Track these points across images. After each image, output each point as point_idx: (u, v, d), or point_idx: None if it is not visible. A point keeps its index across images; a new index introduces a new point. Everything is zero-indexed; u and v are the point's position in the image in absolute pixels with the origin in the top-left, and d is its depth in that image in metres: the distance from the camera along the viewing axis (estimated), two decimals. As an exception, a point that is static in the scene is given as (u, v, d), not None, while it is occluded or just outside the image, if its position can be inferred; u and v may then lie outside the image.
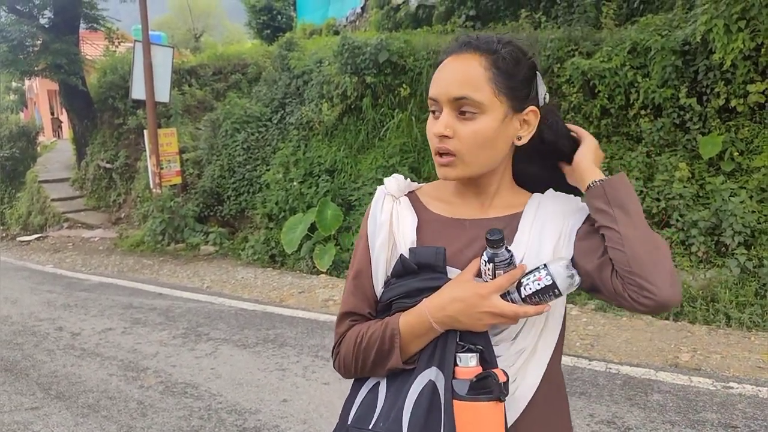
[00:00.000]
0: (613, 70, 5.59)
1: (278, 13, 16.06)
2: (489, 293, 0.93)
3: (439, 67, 1.03)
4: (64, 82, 11.25)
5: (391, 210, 1.08)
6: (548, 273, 0.90)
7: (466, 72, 0.99)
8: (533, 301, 0.92)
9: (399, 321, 0.98)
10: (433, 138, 1.01)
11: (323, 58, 8.06)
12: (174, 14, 31.40)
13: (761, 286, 4.50)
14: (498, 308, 0.92)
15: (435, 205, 1.11)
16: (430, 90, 1.02)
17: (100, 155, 12.11)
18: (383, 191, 1.13)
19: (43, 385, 3.93)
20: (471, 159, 1.00)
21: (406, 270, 1.01)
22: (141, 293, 6.46)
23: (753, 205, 4.72)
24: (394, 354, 0.97)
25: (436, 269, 1.00)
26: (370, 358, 1.01)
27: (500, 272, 0.93)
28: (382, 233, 1.06)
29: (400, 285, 1.02)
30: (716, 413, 3.11)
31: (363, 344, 1.02)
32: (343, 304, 1.12)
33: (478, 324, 0.94)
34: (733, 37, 4.78)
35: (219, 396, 3.65)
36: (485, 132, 0.99)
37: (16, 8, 11.16)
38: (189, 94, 10.90)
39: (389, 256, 1.05)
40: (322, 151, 7.73)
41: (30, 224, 12.31)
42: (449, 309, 0.94)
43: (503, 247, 0.92)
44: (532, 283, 0.91)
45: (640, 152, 5.44)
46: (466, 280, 0.96)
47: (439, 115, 1.00)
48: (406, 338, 0.97)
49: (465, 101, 0.97)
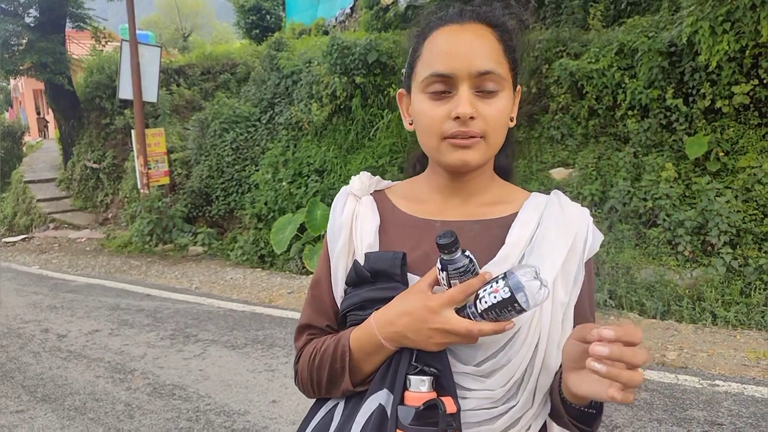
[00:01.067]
0: (600, 71, 5.64)
1: (267, 13, 16.01)
2: (439, 306, 0.79)
3: (441, 38, 0.87)
4: (50, 81, 11.14)
5: (352, 211, 0.97)
6: (507, 284, 0.74)
7: (485, 44, 0.86)
8: (491, 316, 0.77)
9: (350, 337, 0.87)
10: (447, 122, 0.85)
11: (312, 58, 8.05)
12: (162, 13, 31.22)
13: (746, 285, 4.56)
14: (449, 324, 0.78)
15: (406, 205, 0.98)
16: (437, 65, 0.85)
17: (87, 155, 12.00)
18: (346, 191, 1.01)
19: (28, 388, 3.88)
20: (494, 142, 0.88)
21: (360, 278, 0.89)
22: (128, 294, 6.41)
23: (738, 205, 4.77)
24: (346, 375, 0.87)
25: (392, 277, 0.87)
26: (324, 378, 0.90)
27: (455, 282, 0.80)
28: (342, 237, 0.95)
29: (354, 295, 0.90)
30: (702, 411, 3.15)
31: (317, 362, 0.91)
32: (301, 315, 1.02)
33: (428, 342, 0.80)
34: (718, 38, 4.83)
35: (207, 397, 3.62)
36: (506, 111, 0.88)
37: (1, 7, 11.03)
38: (177, 94, 10.84)
39: (349, 262, 0.94)
40: (311, 152, 7.71)
41: (15, 225, 12.17)
42: (397, 324, 0.81)
43: (457, 253, 0.78)
44: (488, 296, 0.76)
45: (627, 152, 5.49)
46: (418, 290, 0.83)
47: (449, 96, 0.85)
48: (358, 356, 0.86)
49: (491, 76, 0.85)
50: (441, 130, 0.86)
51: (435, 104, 0.86)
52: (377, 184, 1.03)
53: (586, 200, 5.50)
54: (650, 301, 4.70)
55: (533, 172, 6.03)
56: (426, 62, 0.87)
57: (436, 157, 0.90)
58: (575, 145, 5.98)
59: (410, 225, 0.94)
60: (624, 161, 5.46)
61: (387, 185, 1.04)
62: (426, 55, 0.88)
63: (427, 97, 0.87)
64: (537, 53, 6.21)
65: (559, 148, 6.07)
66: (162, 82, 9.76)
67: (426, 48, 0.88)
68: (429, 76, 0.86)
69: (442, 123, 0.85)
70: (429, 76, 0.86)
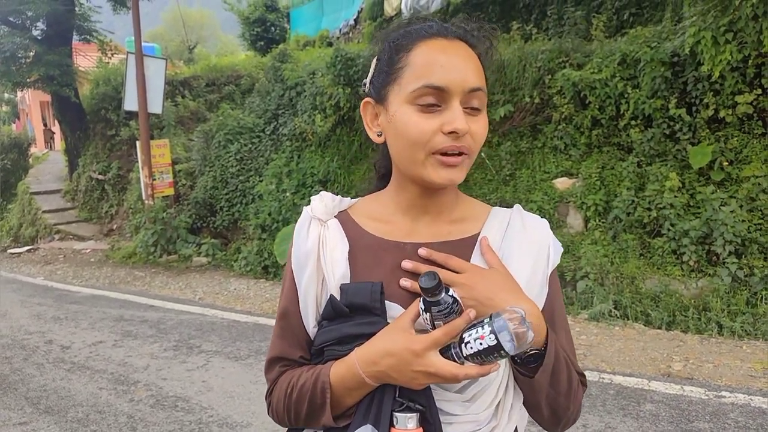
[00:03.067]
0: (603, 81, 5.64)
1: (272, 25, 16.14)
2: (423, 350, 0.78)
3: (433, 51, 0.84)
4: (57, 93, 11.24)
5: (318, 236, 0.92)
6: (492, 330, 0.74)
7: (473, 61, 0.85)
8: (476, 361, 0.77)
9: (330, 373, 0.85)
10: (438, 135, 0.82)
11: (316, 70, 8.10)
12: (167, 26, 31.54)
13: (752, 295, 4.53)
14: (434, 367, 0.77)
15: (372, 226, 0.94)
16: (432, 76, 0.82)
17: (93, 166, 12.08)
18: (308, 214, 0.96)
19: (31, 400, 3.88)
20: (474, 159, 0.88)
21: (337, 313, 0.87)
22: (132, 305, 6.41)
23: (743, 215, 4.75)
24: (326, 410, 0.85)
25: (372, 311, 0.85)
26: (302, 412, 0.88)
27: (439, 323, 0.78)
28: (309, 266, 0.90)
29: (331, 329, 0.88)
30: (708, 422, 3.11)
31: (294, 396, 0.88)
32: (270, 347, 0.97)
33: (412, 383, 0.80)
34: (720, 48, 4.84)
35: (210, 409, 3.61)
36: (486, 130, 0.88)
37: (9, 20, 11.16)
38: (182, 106, 10.92)
39: (319, 291, 0.90)
40: (315, 162, 7.74)
41: (21, 236, 12.22)
42: (381, 364, 0.80)
43: (441, 294, 0.77)
44: (473, 342, 0.76)
45: (631, 162, 5.48)
46: (401, 328, 0.81)
47: (438, 109, 0.83)
48: (339, 392, 0.85)
49: (479, 93, 0.84)
50: (431, 144, 0.83)
51: (425, 116, 0.83)
52: (339, 204, 0.99)
53: (590, 210, 5.49)
54: (655, 312, 4.67)
55: (536, 182, 6.02)
56: (417, 73, 0.83)
57: (417, 173, 0.86)
58: (579, 154, 5.97)
59: (380, 248, 0.91)
60: (628, 171, 5.45)
61: (349, 204, 1.00)
62: (415, 65, 0.84)
63: (416, 109, 0.83)
64: (540, 64, 6.23)
65: (563, 157, 6.07)
66: (167, 93, 9.84)
67: (414, 59, 0.84)
68: (421, 87, 0.82)
69: (433, 137, 0.82)
70: (421, 87, 0.82)
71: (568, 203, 5.70)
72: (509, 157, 6.29)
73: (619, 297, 4.88)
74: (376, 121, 0.93)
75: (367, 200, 1.00)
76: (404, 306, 0.85)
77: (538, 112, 6.32)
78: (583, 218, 5.60)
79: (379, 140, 0.93)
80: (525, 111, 6.36)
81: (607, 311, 4.75)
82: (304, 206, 1.01)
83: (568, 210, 5.70)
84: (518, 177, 6.21)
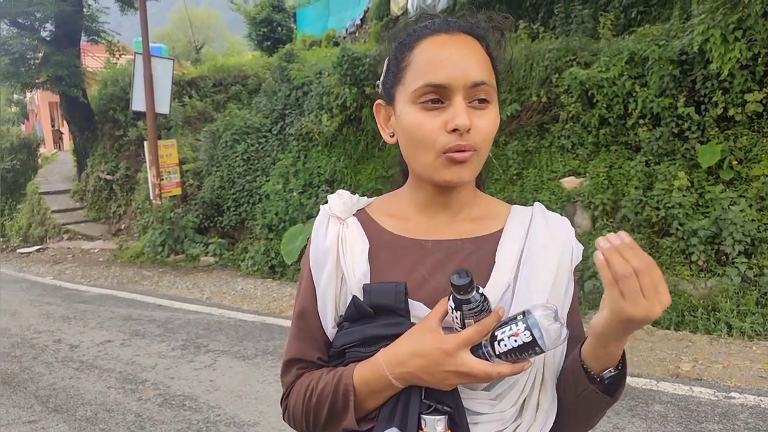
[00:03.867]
0: (611, 79, 5.61)
1: (278, 25, 16.16)
2: (455, 349, 0.77)
3: (433, 48, 0.84)
4: (65, 94, 11.32)
5: (337, 235, 0.90)
6: (527, 327, 0.73)
7: (476, 55, 0.84)
8: (509, 358, 0.76)
9: (353, 374, 0.83)
10: (443, 134, 0.81)
11: (323, 70, 8.10)
12: (175, 26, 31.65)
13: (762, 295, 4.49)
14: (467, 367, 0.76)
15: (391, 224, 0.93)
16: (432, 74, 0.81)
17: (101, 167, 12.15)
18: (326, 212, 0.94)
19: (41, 398, 3.91)
20: (484, 155, 0.86)
21: (361, 314, 0.85)
22: (140, 305, 6.44)
23: (753, 214, 4.71)
24: (349, 414, 0.83)
25: (396, 311, 0.83)
26: (322, 416, 0.86)
27: (470, 321, 0.77)
28: (328, 264, 0.88)
29: (354, 330, 0.86)
30: (718, 424, 3.09)
31: (314, 400, 0.86)
32: (287, 349, 0.95)
33: (443, 383, 0.79)
34: (730, 46, 4.80)
35: (217, 408, 3.62)
36: (497, 123, 0.86)
37: (18, 21, 11.25)
38: (189, 106, 10.96)
39: (338, 291, 0.88)
40: (321, 162, 7.74)
41: (30, 236, 12.32)
42: (409, 365, 0.79)
43: (473, 292, 0.75)
44: (507, 339, 0.75)
45: (639, 161, 5.45)
46: (429, 328, 0.79)
47: (443, 106, 0.82)
48: (362, 394, 0.83)
49: (484, 87, 0.83)
50: (439, 144, 0.82)
51: (429, 115, 0.82)
52: (357, 202, 0.97)
53: (597, 209, 5.46)
54: (664, 312, 4.62)
55: (544, 182, 6.00)
56: (418, 72, 0.83)
57: (427, 172, 0.85)
58: (586, 154, 5.94)
59: (400, 246, 0.90)
60: (636, 170, 5.41)
61: (367, 203, 0.98)
62: (416, 64, 0.83)
63: (419, 108, 0.83)
64: (547, 62, 6.20)
65: (570, 157, 6.04)
66: (174, 94, 9.88)
67: (415, 57, 0.84)
68: (423, 86, 0.82)
69: (439, 136, 0.81)
70: (423, 86, 0.82)
71: (575, 203, 5.67)
72: (516, 156, 6.27)
73: (627, 297, 4.84)
74: (389, 122, 0.92)
75: (384, 199, 0.99)
76: (428, 304, 0.83)
77: (546, 111, 6.29)
78: (591, 218, 5.57)
79: (392, 141, 0.92)
80: (532, 110, 6.33)
81: (615, 311, 4.72)
82: (311, 206, 0.99)
83: (576, 209, 5.67)
84: (525, 176, 6.19)
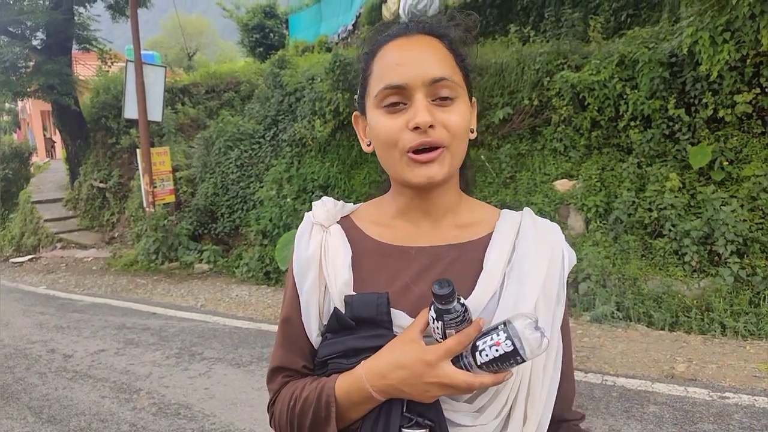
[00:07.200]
0: (602, 82, 5.65)
1: (270, 31, 16.17)
2: (437, 360, 0.75)
3: (391, 52, 0.84)
4: (57, 102, 11.26)
5: (320, 243, 0.90)
6: (508, 336, 0.73)
7: (435, 52, 0.83)
8: (491, 368, 0.75)
9: (335, 386, 0.83)
10: (406, 133, 0.81)
11: (315, 75, 8.11)
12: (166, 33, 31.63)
13: (755, 295, 4.51)
14: (448, 378, 0.75)
15: (375, 231, 0.92)
16: (389, 77, 0.82)
17: (94, 175, 12.09)
18: (309, 220, 0.94)
19: (34, 409, 3.87)
20: (457, 152, 0.84)
21: (342, 326, 0.85)
22: (134, 313, 6.41)
23: (744, 214, 4.74)
24: (331, 425, 0.82)
25: (378, 324, 0.83)
26: (305, 425, 0.86)
27: (451, 331, 0.76)
28: (311, 273, 0.88)
29: (336, 342, 0.85)
30: (713, 424, 3.10)
31: (297, 409, 0.86)
32: (272, 356, 0.95)
33: (424, 395, 0.77)
34: (718, 48, 4.84)
35: (212, 416, 3.61)
36: (466, 118, 0.84)
37: (9, 30, 11.20)
38: (182, 113, 10.94)
39: (321, 299, 0.88)
40: (315, 167, 7.74)
41: (23, 245, 12.23)
42: (391, 377, 0.78)
43: (454, 302, 0.74)
44: (489, 349, 0.74)
45: (631, 163, 5.48)
46: (410, 339, 0.78)
47: (404, 107, 0.82)
48: (344, 406, 0.82)
49: (445, 83, 0.82)
50: (401, 143, 0.82)
51: (390, 117, 0.83)
52: (342, 209, 0.97)
53: (590, 211, 5.49)
54: (658, 313, 4.66)
55: (537, 184, 6.02)
56: (378, 77, 0.84)
57: (399, 175, 0.85)
58: (578, 156, 5.97)
59: (384, 254, 0.89)
60: (628, 172, 5.44)
61: (351, 209, 0.98)
62: (377, 70, 0.85)
63: (382, 111, 0.83)
64: (538, 66, 6.23)
65: (563, 159, 6.07)
66: (167, 101, 9.86)
67: (376, 64, 0.85)
68: (382, 89, 0.82)
69: (400, 135, 0.81)
70: (382, 89, 0.82)
71: (568, 205, 5.70)
72: (509, 159, 6.29)
73: (621, 298, 4.86)
74: (365, 131, 0.93)
75: (369, 205, 0.99)
76: (410, 313, 0.83)
77: (537, 115, 6.32)
78: (584, 220, 5.60)
79: (369, 150, 0.92)
80: (524, 113, 6.36)
81: (609, 313, 4.74)
82: (305, 212, 0.99)
83: (569, 212, 5.69)
84: (518, 179, 6.21)
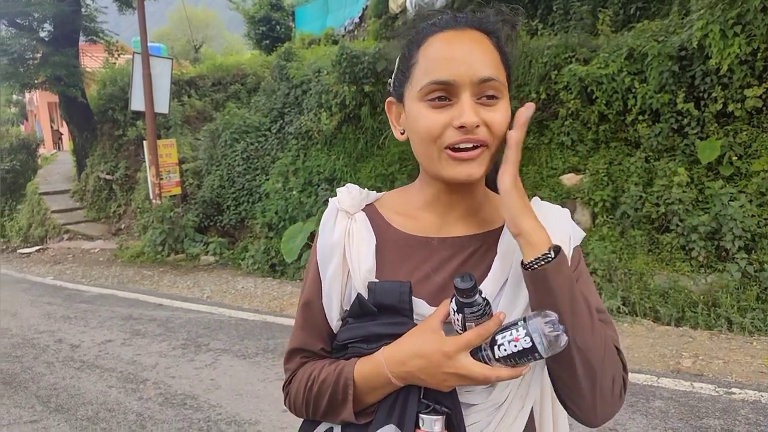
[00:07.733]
0: (610, 76, 5.60)
1: (277, 24, 16.13)
2: (455, 352, 0.77)
3: (439, 44, 0.83)
4: (64, 94, 11.30)
5: (344, 229, 0.91)
6: (527, 333, 0.74)
7: (484, 50, 0.83)
8: (508, 363, 0.77)
9: (354, 370, 0.85)
10: (449, 130, 0.81)
11: (322, 68, 8.10)
12: (173, 26, 31.60)
13: (762, 291, 4.49)
14: (466, 370, 0.77)
15: (399, 221, 0.93)
16: (437, 72, 0.81)
17: (100, 167, 12.14)
18: (335, 206, 0.95)
19: (42, 398, 3.91)
20: (496, 151, 0.85)
21: (364, 312, 0.86)
22: (141, 304, 6.44)
23: (753, 210, 4.71)
24: (347, 407, 0.85)
25: (399, 311, 0.84)
26: (321, 406, 0.88)
27: (471, 324, 0.78)
28: (335, 259, 0.89)
29: (357, 327, 0.87)
30: (719, 419, 3.09)
31: (314, 390, 0.88)
32: (291, 338, 0.97)
33: (442, 384, 0.80)
34: (729, 42, 4.79)
35: (218, 407, 3.63)
36: (508, 119, 0.84)
37: (16, 22, 11.23)
38: (188, 105, 10.95)
39: (344, 284, 0.89)
40: (321, 160, 7.74)
41: (30, 236, 12.31)
42: (410, 365, 0.80)
43: (476, 296, 0.75)
44: (507, 344, 0.75)
45: (639, 157, 5.44)
46: (431, 329, 0.80)
47: (449, 104, 0.82)
48: (361, 389, 0.84)
49: (493, 83, 0.82)
50: (441, 138, 0.82)
51: (434, 112, 0.82)
52: (367, 197, 0.98)
53: (597, 206, 5.46)
54: (664, 308, 4.64)
55: (544, 179, 6.00)
56: (424, 69, 0.83)
57: (434, 169, 0.85)
58: (586, 150, 5.94)
59: (407, 244, 0.90)
60: (635, 166, 5.41)
61: (376, 197, 0.99)
62: (423, 62, 0.84)
63: (426, 105, 0.83)
64: (546, 59, 6.19)
65: (570, 153, 6.04)
66: (173, 93, 9.86)
67: (422, 55, 0.84)
68: (428, 83, 0.82)
69: (443, 131, 0.82)
70: (428, 83, 0.82)
71: (575, 199, 5.67)
72: (516, 153, 6.26)
73: (627, 293, 4.85)
74: (400, 119, 0.92)
75: (393, 194, 0.99)
76: (431, 303, 0.84)
77: (545, 108, 6.28)
78: (591, 214, 5.57)
79: (403, 138, 0.92)
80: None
81: (615, 308, 4.72)
82: (330, 198, 0.99)
83: (576, 206, 5.67)
84: (525, 173, 6.18)
